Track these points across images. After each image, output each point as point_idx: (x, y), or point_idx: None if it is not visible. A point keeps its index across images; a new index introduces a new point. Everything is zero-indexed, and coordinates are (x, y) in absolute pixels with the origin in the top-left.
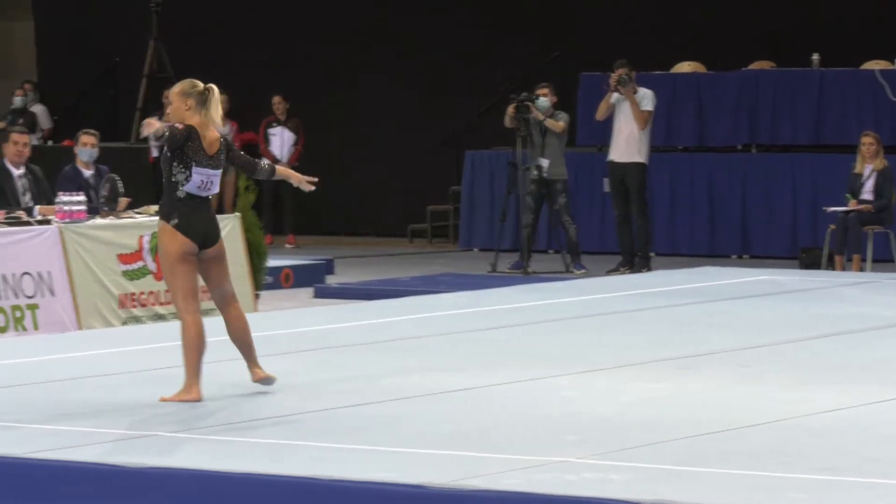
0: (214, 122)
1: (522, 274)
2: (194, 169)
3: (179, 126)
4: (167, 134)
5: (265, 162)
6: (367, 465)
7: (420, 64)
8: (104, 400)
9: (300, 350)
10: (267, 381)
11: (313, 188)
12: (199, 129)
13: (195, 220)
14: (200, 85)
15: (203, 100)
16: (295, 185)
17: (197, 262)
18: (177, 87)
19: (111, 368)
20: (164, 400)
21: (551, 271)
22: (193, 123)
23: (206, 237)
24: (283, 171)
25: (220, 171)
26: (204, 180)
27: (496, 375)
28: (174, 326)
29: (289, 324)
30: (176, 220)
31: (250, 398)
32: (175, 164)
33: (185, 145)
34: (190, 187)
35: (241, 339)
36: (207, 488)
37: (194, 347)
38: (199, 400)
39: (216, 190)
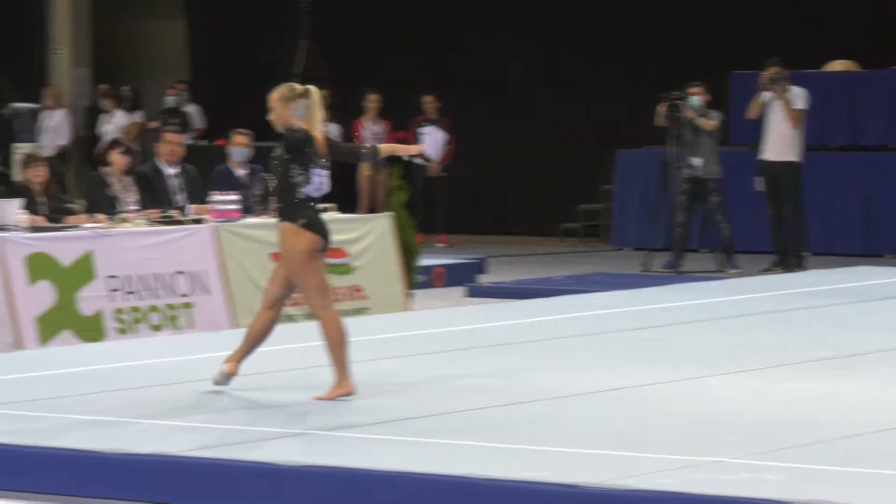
0: (317, 124)
1: (675, 273)
2: (312, 171)
3: (296, 128)
4: (289, 135)
5: (367, 145)
6: (520, 465)
7: (573, 61)
8: (258, 398)
9: (452, 349)
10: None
11: (425, 159)
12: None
13: (318, 220)
14: (300, 88)
15: (304, 103)
16: (406, 158)
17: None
18: (276, 93)
19: (265, 367)
20: (319, 399)
21: (704, 270)
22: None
23: (328, 238)
24: (386, 147)
25: (329, 172)
26: (321, 181)
27: (649, 375)
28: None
29: (441, 323)
30: (304, 220)
31: (399, 396)
32: (293, 166)
33: (304, 147)
34: (309, 189)
35: (258, 336)
36: (361, 487)
37: (339, 342)
38: (352, 392)
39: (328, 190)
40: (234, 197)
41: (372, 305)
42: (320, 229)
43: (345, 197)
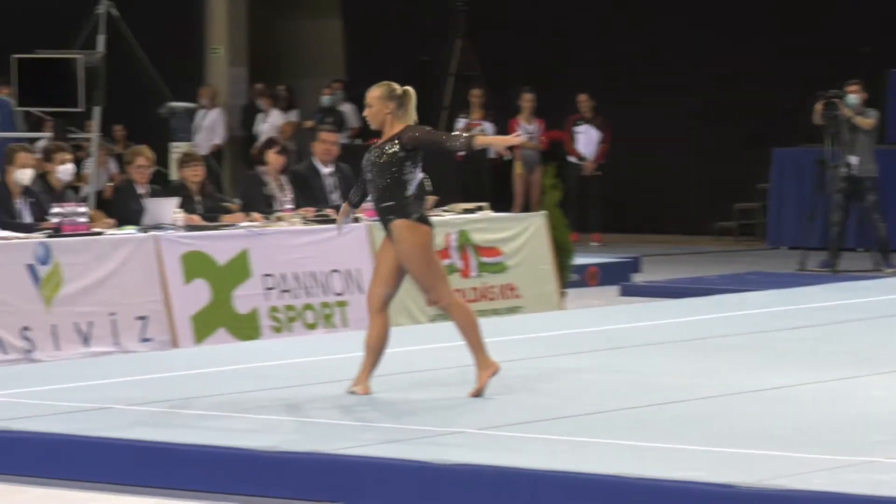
0: (412, 122)
1: (831, 272)
2: (419, 168)
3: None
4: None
5: (459, 135)
6: (674, 464)
7: (728, 60)
8: (412, 397)
9: (606, 348)
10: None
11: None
12: None
13: (425, 214)
14: (399, 88)
15: (402, 103)
16: (504, 147)
17: None
18: (376, 92)
19: (419, 365)
20: (474, 395)
21: (860, 270)
22: (397, 126)
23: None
24: (483, 140)
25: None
26: (420, 177)
27: (804, 375)
28: (480, 324)
29: (594, 322)
30: (417, 215)
31: (554, 395)
32: (408, 163)
33: (426, 146)
34: (413, 186)
35: (379, 347)
36: (518, 486)
37: (474, 325)
38: (498, 369)
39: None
40: None
41: (525, 304)
42: (429, 222)
43: (499, 196)
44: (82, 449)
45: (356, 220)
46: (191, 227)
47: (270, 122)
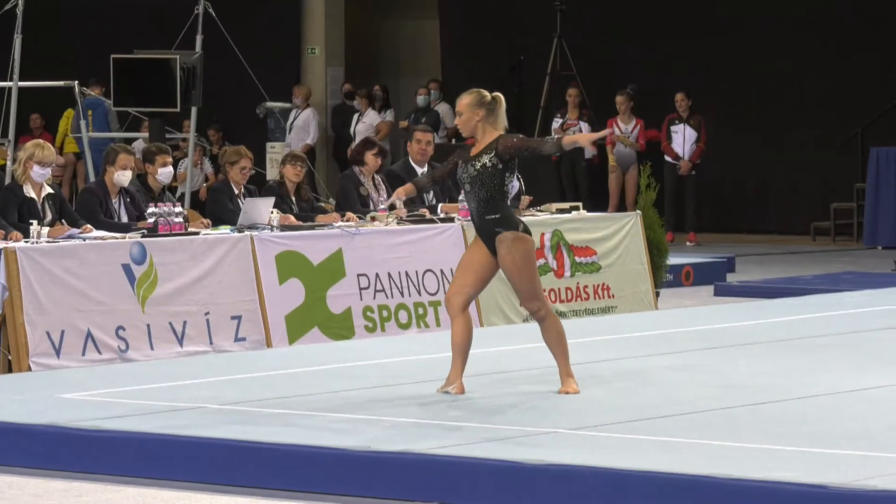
0: (502, 130)
1: None
2: (515, 176)
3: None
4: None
5: (550, 137)
6: (767, 464)
7: (824, 59)
8: (504, 397)
9: (700, 348)
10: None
11: (624, 142)
12: None
13: (526, 225)
14: (489, 95)
15: (492, 110)
16: (591, 143)
17: None
18: (466, 99)
19: (512, 365)
20: (568, 391)
21: None
22: (489, 133)
23: None
24: (570, 139)
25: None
26: (515, 185)
27: None
28: (575, 324)
29: (689, 322)
30: (522, 226)
31: (647, 394)
32: (507, 174)
33: (521, 156)
34: (512, 195)
35: (467, 346)
36: (611, 486)
37: (565, 340)
38: (578, 391)
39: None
40: None
41: (619, 304)
42: (530, 231)
43: (593, 195)
44: (176, 448)
45: (451, 219)
46: (285, 227)
47: (366, 122)
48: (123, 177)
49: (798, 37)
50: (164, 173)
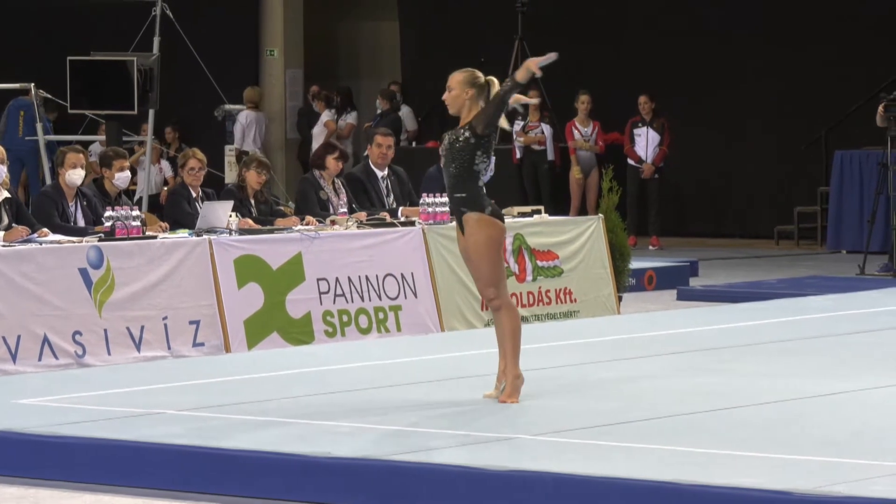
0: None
1: (892, 276)
2: (491, 157)
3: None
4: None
5: (506, 82)
6: (731, 470)
7: (788, 62)
8: (465, 402)
9: (664, 353)
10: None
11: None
12: None
13: (497, 208)
14: (482, 77)
15: (482, 92)
16: (537, 68)
17: None
18: (460, 76)
19: (474, 370)
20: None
21: None
22: (473, 113)
23: None
24: (521, 74)
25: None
26: (492, 168)
27: (864, 380)
28: (536, 329)
29: (652, 326)
30: (490, 209)
31: (611, 400)
32: (479, 152)
33: (493, 133)
34: (485, 177)
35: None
36: (575, 493)
37: (520, 333)
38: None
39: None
40: (443, 199)
41: (582, 308)
42: (503, 217)
43: (555, 199)
44: (133, 454)
45: (411, 223)
46: (244, 231)
47: (324, 125)
48: (75, 175)
49: (761, 39)
50: (121, 178)
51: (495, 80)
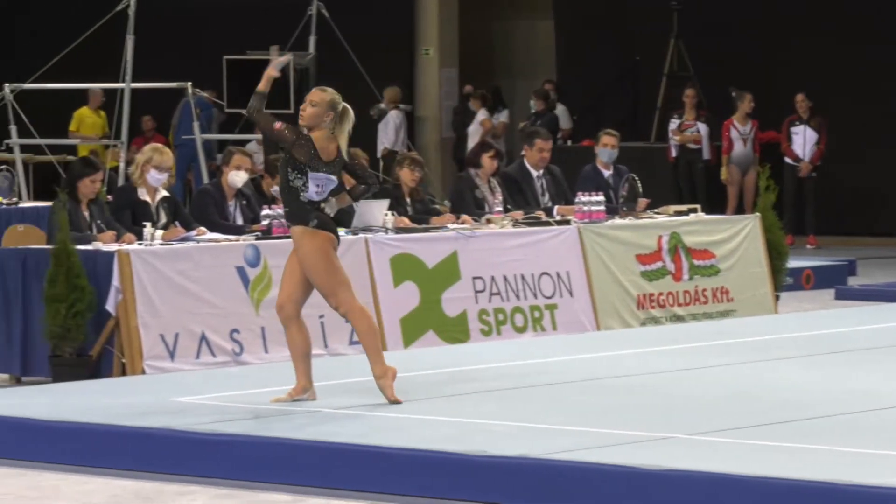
0: (345, 136)
1: None
2: (310, 175)
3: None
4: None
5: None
6: (890, 470)
7: None
8: (622, 401)
9: (821, 353)
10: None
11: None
12: (317, 140)
13: (328, 220)
14: (342, 104)
15: (339, 118)
16: (275, 70)
17: None
18: (328, 97)
19: (630, 369)
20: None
21: None
22: (316, 135)
23: (338, 235)
24: (262, 85)
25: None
26: (319, 187)
27: None
28: (693, 328)
29: (809, 326)
30: (315, 221)
31: (762, 400)
32: (289, 168)
33: (292, 150)
34: (309, 194)
35: (308, 350)
36: (723, 491)
37: (376, 332)
38: (395, 372)
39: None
40: (599, 198)
41: (738, 308)
42: (331, 228)
43: (711, 198)
44: (289, 452)
45: (567, 222)
46: (400, 230)
47: (480, 124)
48: (237, 177)
49: None
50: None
51: (351, 112)
